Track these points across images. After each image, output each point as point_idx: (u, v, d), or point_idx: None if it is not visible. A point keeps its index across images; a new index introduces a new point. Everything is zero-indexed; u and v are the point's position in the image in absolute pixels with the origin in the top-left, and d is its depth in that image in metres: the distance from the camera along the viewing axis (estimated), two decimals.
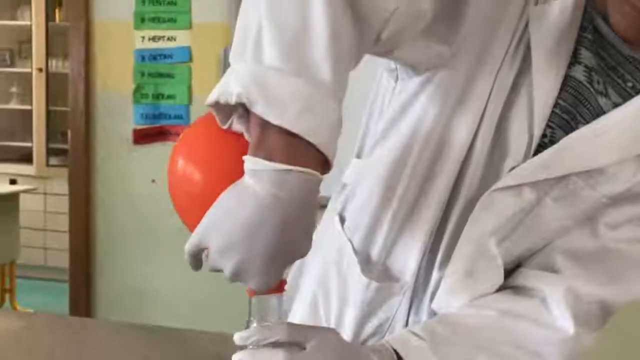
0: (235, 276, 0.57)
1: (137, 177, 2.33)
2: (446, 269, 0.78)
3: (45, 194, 4.20)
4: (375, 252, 0.85)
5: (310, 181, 0.55)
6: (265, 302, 0.63)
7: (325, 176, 0.58)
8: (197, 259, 0.60)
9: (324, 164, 0.57)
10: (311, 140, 0.54)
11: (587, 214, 0.78)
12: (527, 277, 0.80)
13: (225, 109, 0.59)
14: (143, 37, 2.22)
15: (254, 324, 0.63)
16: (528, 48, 0.74)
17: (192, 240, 0.59)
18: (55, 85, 4.08)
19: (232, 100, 0.55)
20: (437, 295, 0.79)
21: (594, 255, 0.78)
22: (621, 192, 0.76)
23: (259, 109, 0.54)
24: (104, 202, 2.37)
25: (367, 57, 0.73)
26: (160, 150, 2.29)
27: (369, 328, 0.85)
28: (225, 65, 2.15)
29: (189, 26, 2.19)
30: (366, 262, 0.85)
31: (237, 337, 0.62)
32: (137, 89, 2.24)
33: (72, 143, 2.37)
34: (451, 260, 0.78)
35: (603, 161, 0.74)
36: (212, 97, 0.57)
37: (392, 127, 0.83)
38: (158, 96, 2.24)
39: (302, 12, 0.56)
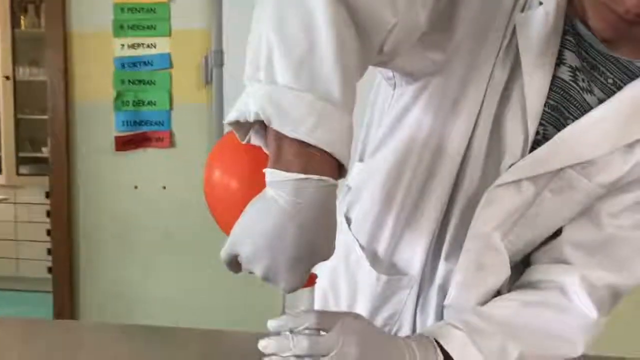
0: (265, 279, 0.61)
1: (120, 184, 2.34)
2: (456, 265, 0.83)
3: (15, 203, 4.13)
4: (381, 249, 0.89)
5: (326, 187, 0.58)
6: (298, 295, 0.67)
7: None
8: (233, 265, 0.63)
9: (339, 170, 0.60)
10: (327, 149, 0.57)
11: (583, 203, 0.84)
12: (542, 271, 0.85)
13: (244, 126, 0.62)
14: (123, 45, 2.22)
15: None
16: (517, 52, 0.78)
17: (225, 249, 0.63)
18: (23, 93, 4.01)
19: (251, 119, 0.58)
20: (449, 291, 0.84)
21: (600, 244, 0.84)
22: (614, 181, 0.82)
23: (276, 125, 0.57)
24: (86, 209, 2.37)
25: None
26: (142, 157, 2.30)
27: (380, 319, 0.90)
28: (207, 70, 2.18)
29: (169, 33, 2.21)
30: (374, 258, 0.90)
31: (270, 325, 0.67)
32: (118, 96, 2.25)
33: (53, 152, 2.36)
34: (460, 256, 0.83)
35: (594, 153, 0.79)
36: (231, 117, 0.61)
37: (392, 132, 0.87)
38: (139, 103, 2.25)
39: (308, 33, 0.59)
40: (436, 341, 0.75)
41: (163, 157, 2.30)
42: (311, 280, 0.67)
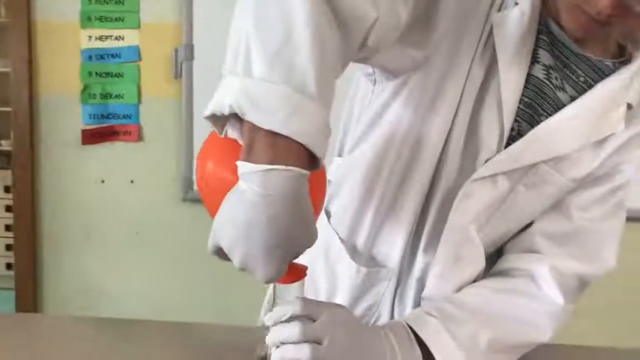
0: (243, 269, 0.60)
1: (86, 178, 2.30)
2: (434, 257, 0.86)
3: None
4: (360, 242, 0.91)
5: (295, 177, 0.57)
6: (289, 289, 0.68)
7: None
8: (220, 255, 0.64)
9: (312, 162, 0.60)
10: (300, 140, 0.57)
11: (555, 197, 0.87)
12: (513, 260, 0.89)
13: (221, 120, 0.62)
14: (90, 37, 2.19)
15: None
16: (494, 50, 0.81)
17: (209, 242, 0.63)
18: None
19: (226, 112, 0.58)
20: (427, 282, 0.86)
21: (569, 235, 0.87)
22: (584, 176, 0.86)
23: (250, 117, 0.57)
24: (51, 203, 2.33)
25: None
26: (109, 150, 2.27)
27: (359, 310, 0.92)
28: (177, 64, 2.17)
29: (138, 25, 2.18)
30: (353, 251, 0.92)
31: (267, 319, 0.68)
32: (85, 89, 2.21)
33: (15, 145, 2.31)
34: (438, 248, 0.85)
35: (566, 149, 0.83)
36: (208, 110, 0.61)
37: (372, 127, 0.89)
38: (106, 96, 2.22)
39: (286, 26, 0.59)
40: (411, 329, 0.77)
41: (131, 151, 2.27)
42: (301, 273, 0.67)
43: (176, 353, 0.89)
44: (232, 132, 0.63)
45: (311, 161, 0.60)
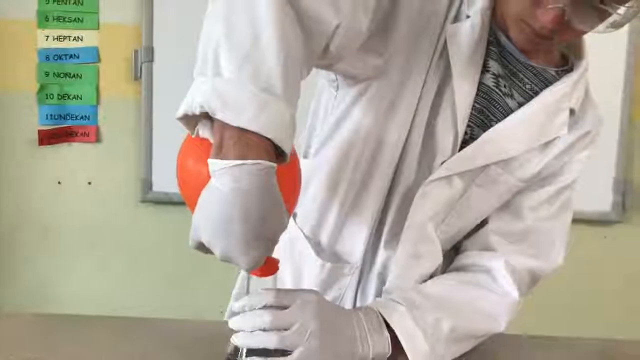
0: (225, 260, 0.64)
1: (42, 179, 2.27)
2: (394, 253, 0.91)
3: None
4: (324, 239, 0.95)
5: (264, 170, 0.61)
6: (262, 283, 0.71)
7: None
8: (202, 249, 0.66)
9: (280, 156, 0.64)
10: (267, 135, 0.60)
11: (506, 196, 0.93)
12: (471, 257, 0.95)
13: (192, 120, 0.66)
14: (47, 36, 2.16)
15: None
16: (448, 60, 0.86)
17: (190, 237, 0.66)
18: None
19: (197, 111, 0.61)
20: (389, 277, 0.91)
21: (521, 234, 0.93)
22: (531, 176, 0.92)
23: (220, 115, 0.60)
24: (7, 204, 2.28)
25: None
26: (66, 152, 2.25)
27: None
28: (136, 66, 2.16)
29: (97, 26, 2.17)
30: (318, 247, 0.96)
31: (234, 306, 0.71)
32: (42, 89, 2.19)
33: None
34: (399, 245, 0.90)
35: (514, 151, 0.89)
36: (180, 111, 0.64)
37: (334, 131, 0.93)
38: (64, 96, 2.20)
39: (253, 29, 0.62)
40: (381, 314, 0.81)
41: (89, 152, 2.25)
42: (273, 267, 0.70)
43: (142, 347, 0.89)
44: (203, 131, 0.66)
45: (278, 155, 0.63)
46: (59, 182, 2.28)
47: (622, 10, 0.75)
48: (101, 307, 2.25)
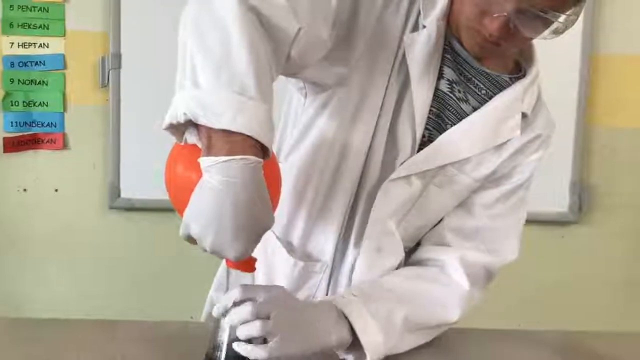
0: (215, 252, 0.69)
1: (8, 187, 2.25)
2: (360, 248, 0.95)
3: None
4: (295, 239, 0.99)
5: (252, 165, 0.67)
6: (240, 278, 0.75)
7: None
8: (191, 241, 0.71)
9: (264, 151, 0.70)
10: (248, 133, 0.67)
11: (462, 195, 0.98)
12: (427, 251, 0.99)
13: (179, 129, 0.72)
14: (12, 43, 2.15)
15: None
16: (407, 68, 0.91)
17: (181, 231, 0.71)
18: None
19: (181, 120, 0.68)
20: (355, 271, 0.96)
21: (475, 230, 0.99)
22: (486, 176, 0.98)
23: (202, 120, 0.67)
24: None
25: (279, 78, 0.88)
26: (32, 159, 2.23)
27: None
28: (104, 72, 2.17)
29: (63, 33, 2.17)
30: (289, 247, 0.99)
31: (215, 310, 0.75)
32: (6, 96, 2.17)
33: None
34: (363, 240, 0.95)
35: (469, 152, 0.94)
36: (165, 122, 0.70)
37: (303, 136, 0.98)
38: (30, 104, 2.19)
39: (224, 41, 0.69)
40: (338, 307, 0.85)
41: (55, 159, 2.24)
42: (251, 265, 0.75)
43: (122, 348, 0.91)
44: (190, 137, 0.72)
45: (263, 151, 0.69)
46: (25, 190, 2.26)
47: (562, 18, 0.81)
48: (71, 313, 2.23)
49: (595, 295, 2.37)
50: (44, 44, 2.17)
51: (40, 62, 2.17)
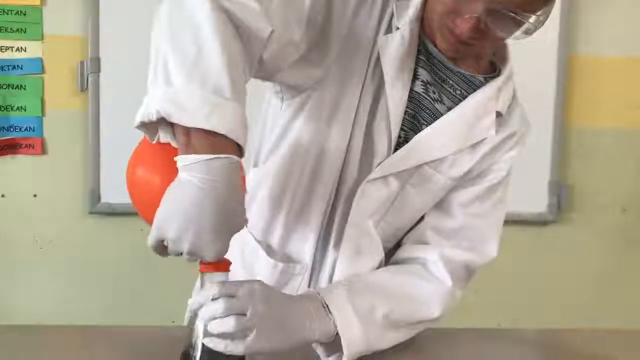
0: (192, 254, 0.67)
1: None
2: (339, 249, 0.96)
3: None
4: (275, 242, 0.99)
5: (231, 163, 0.67)
6: (214, 278, 0.74)
7: None
8: (161, 250, 0.70)
9: (239, 150, 0.70)
10: (222, 132, 0.66)
11: (439, 194, 0.99)
12: (408, 250, 1.00)
13: (151, 127, 0.71)
14: None
15: None
16: (381, 69, 0.92)
17: (151, 236, 0.69)
18: None
19: (154, 118, 0.67)
20: (335, 272, 0.96)
21: (454, 229, 0.99)
22: (462, 175, 0.98)
23: (176, 118, 0.66)
24: None
25: (257, 82, 0.88)
26: (10, 164, 2.21)
27: None
28: (83, 76, 2.15)
29: (41, 37, 2.15)
30: (268, 249, 0.99)
31: (191, 303, 0.74)
32: None
33: None
34: (342, 242, 0.95)
35: (444, 152, 0.95)
36: (137, 120, 0.69)
37: (280, 140, 0.98)
38: (7, 108, 2.16)
39: (197, 41, 0.69)
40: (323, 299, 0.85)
41: (34, 164, 2.22)
42: (225, 266, 0.74)
43: (107, 354, 0.90)
44: (164, 136, 0.71)
45: (239, 150, 0.69)
46: (3, 195, 2.24)
47: (532, 18, 0.82)
48: (51, 319, 2.21)
49: (573, 293, 2.39)
50: (21, 47, 2.15)
51: (17, 66, 2.15)
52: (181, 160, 0.67)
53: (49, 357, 0.89)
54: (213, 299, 0.73)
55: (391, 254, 1.03)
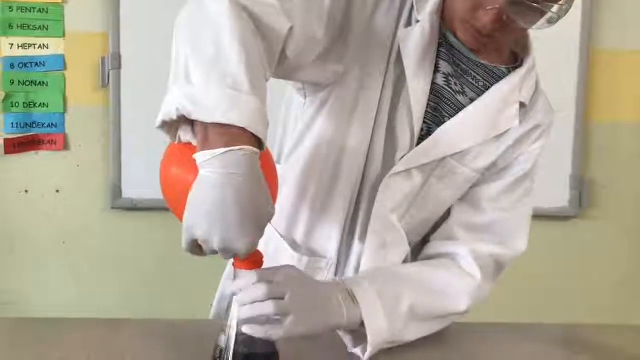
0: (225, 251, 0.68)
1: (9, 188, 2.26)
2: (365, 244, 0.96)
3: None
4: (299, 237, 1.00)
5: (249, 155, 0.67)
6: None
7: None
8: (197, 251, 0.70)
9: (259, 143, 0.70)
10: (242, 125, 0.67)
11: (464, 187, 0.99)
12: (436, 247, 1.00)
13: (172, 127, 0.72)
14: (12, 44, 2.16)
15: None
16: (402, 63, 0.92)
17: (183, 240, 0.69)
18: None
19: (174, 116, 0.68)
20: (361, 266, 0.96)
21: (483, 224, 0.99)
22: (486, 167, 0.98)
23: (195, 115, 0.67)
24: None
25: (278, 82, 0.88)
26: (33, 160, 2.24)
27: None
28: (104, 73, 2.18)
29: (63, 34, 2.17)
30: (293, 244, 1.00)
31: (228, 291, 0.74)
32: (7, 98, 2.18)
33: None
34: (367, 236, 0.95)
35: (468, 144, 0.95)
36: (158, 120, 0.70)
37: (303, 136, 0.98)
38: (30, 104, 2.19)
39: (216, 38, 0.69)
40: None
41: (56, 160, 2.25)
42: (258, 261, 0.75)
43: (132, 346, 0.91)
44: (184, 135, 0.72)
45: (258, 143, 0.69)
46: (26, 191, 2.27)
47: (555, 8, 0.81)
48: (74, 314, 2.23)
49: (596, 289, 2.37)
50: (43, 44, 2.17)
51: (40, 63, 2.18)
52: (199, 157, 0.67)
53: (77, 350, 0.90)
54: (253, 284, 0.74)
55: (417, 251, 1.03)
